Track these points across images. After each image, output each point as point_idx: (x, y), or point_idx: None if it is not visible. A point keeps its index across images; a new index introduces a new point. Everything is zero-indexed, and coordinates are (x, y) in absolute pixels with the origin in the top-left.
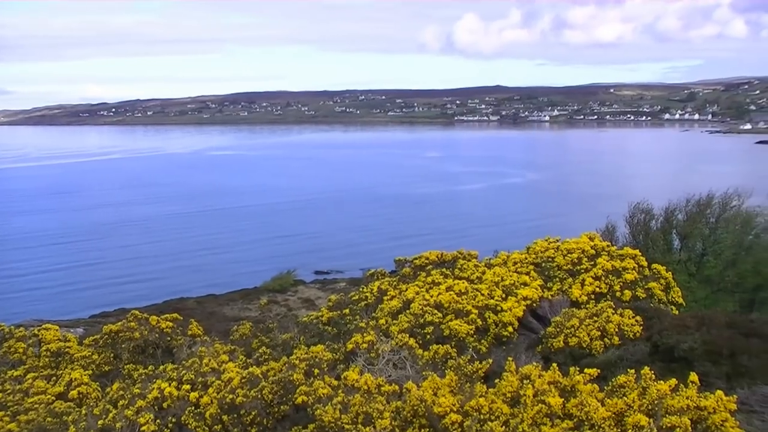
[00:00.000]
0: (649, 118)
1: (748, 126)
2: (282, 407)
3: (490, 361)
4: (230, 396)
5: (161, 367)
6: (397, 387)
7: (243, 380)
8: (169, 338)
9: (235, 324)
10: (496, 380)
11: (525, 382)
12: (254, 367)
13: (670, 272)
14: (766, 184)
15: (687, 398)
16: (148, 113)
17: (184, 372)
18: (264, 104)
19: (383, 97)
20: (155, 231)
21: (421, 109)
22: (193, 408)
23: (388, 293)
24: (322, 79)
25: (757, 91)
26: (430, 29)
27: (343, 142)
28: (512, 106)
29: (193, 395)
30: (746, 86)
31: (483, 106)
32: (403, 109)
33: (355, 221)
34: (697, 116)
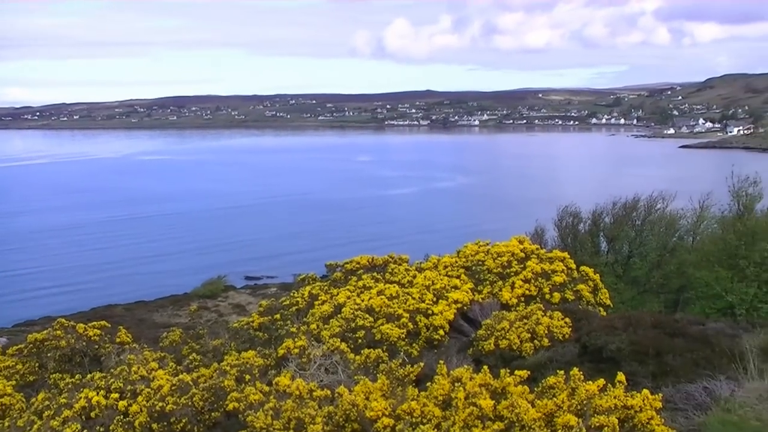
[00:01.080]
0: (576, 122)
1: (672, 131)
2: (213, 414)
3: (422, 364)
4: (160, 404)
5: (89, 375)
6: (329, 392)
7: (173, 387)
8: (96, 346)
9: (164, 331)
10: (428, 383)
11: (456, 384)
12: (184, 374)
13: (597, 274)
14: (689, 188)
15: (615, 398)
16: (75, 117)
17: (112, 380)
18: (193, 108)
19: (314, 102)
20: (83, 238)
21: (351, 113)
22: (122, 417)
23: (320, 298)
24: (252, 83)
25: (680, 97)
26: (361, 34)
27: (274, 146)
28: (442, 110)
29: (122, 404)
30: (669, 92)
31: (413, 111)
32: (334, 114)
33: (286, 226)
34: (623, 121)
